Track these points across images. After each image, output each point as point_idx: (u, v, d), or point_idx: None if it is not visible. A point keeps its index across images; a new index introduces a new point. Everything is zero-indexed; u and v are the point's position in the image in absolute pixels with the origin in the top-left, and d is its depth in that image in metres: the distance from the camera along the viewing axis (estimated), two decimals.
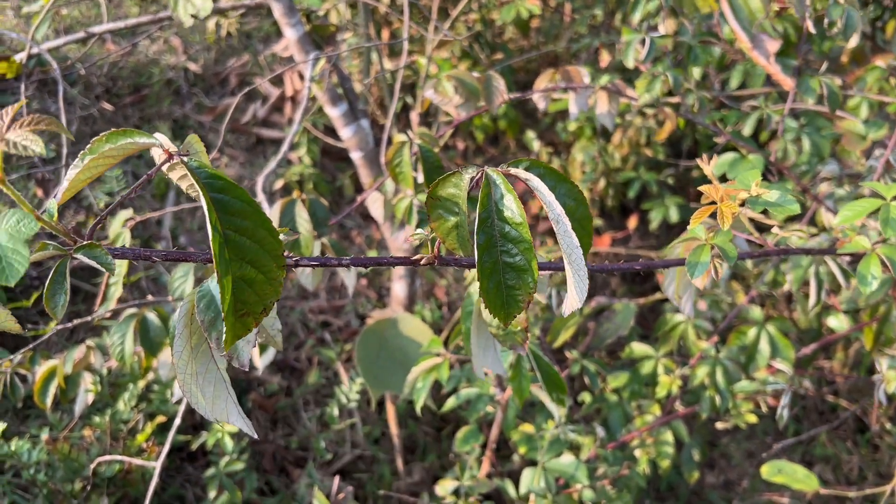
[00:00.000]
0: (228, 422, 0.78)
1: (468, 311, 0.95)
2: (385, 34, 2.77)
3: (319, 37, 1.87)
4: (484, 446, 2.04)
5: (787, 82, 1.40)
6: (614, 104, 1.50)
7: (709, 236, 0.82)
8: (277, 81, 2.99)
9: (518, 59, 2.29)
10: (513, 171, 0.66)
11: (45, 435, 1.64)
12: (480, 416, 1.60)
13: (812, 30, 1.42)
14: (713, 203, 0.82)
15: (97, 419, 1.72)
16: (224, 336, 0.68)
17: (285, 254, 0.64)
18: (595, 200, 2.83)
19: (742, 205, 0.78)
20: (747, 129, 1.49)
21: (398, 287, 2.12)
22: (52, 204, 0.58)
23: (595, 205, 2.84)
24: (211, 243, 0.57)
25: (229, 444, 1.59)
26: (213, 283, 0.72)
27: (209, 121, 2.86)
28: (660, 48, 1.49)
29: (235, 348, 0.71)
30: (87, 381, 1.59)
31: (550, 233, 2.95)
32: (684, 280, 1.10)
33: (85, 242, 0.59)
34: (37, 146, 0.55)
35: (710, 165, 0.95)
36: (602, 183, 2.77)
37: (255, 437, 0.75)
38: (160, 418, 1.70)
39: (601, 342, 1.71)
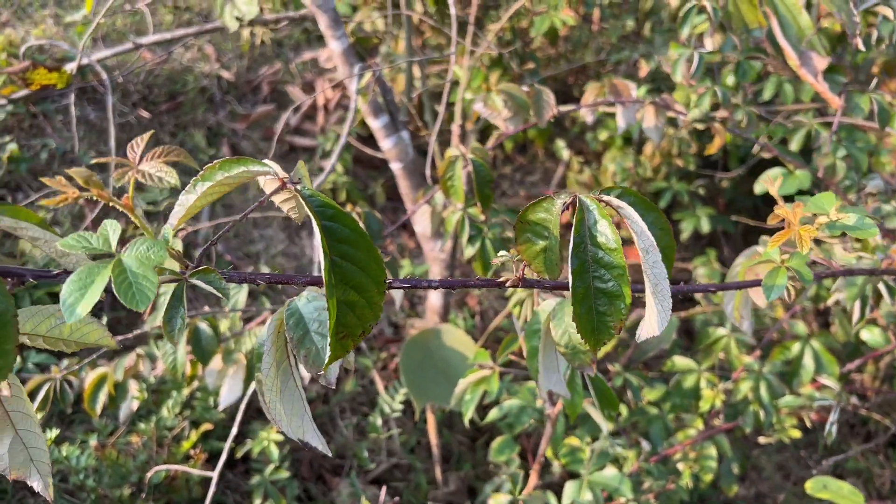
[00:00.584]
0: (304, 438, 0.79)
1: (534, 329, 0.95)
2: (418, 42, 2.78)
3: (362, 48, 1.89)
4: (521, 456, 2.05)
5: (835, 101, 1.40)
6: (661, 118, 1.50)
7: (783, 258, 0.83)
8: (309, 90, 3.02)
9: (558, 72, 2.29)
10: (605, 197, 0.67)
11: (93, 441, 1.67)
12: (524, 428, 1.61)
13: (861, 47, 1.42)
14: (781, 225, 0.83)
15: (142, 426, 1.74)
16: (317, 354, 0.70)
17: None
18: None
19: (819, 229, 0.79)
20: (794, 145, 1.49)
21: (434, 297, 2.13)
22: (168, 230, 0.60)
23: None
24: (322, 268, 0.58)
25: (275, 452, 1.61)
26: (301, 303, 0.74)
27: (242, 128, 2.89)
28: (707, 63, 1.50)
29: (324, 366, 0.73)
30: (134, 388, 1.61)
31: None
32: (744, 298, 1.11)
33: (200, 268, 0.61)
34: (171, 178, 0.56)
35: (775, 186, 0.96)
36: None
37: (329, 454, 0.76)
38: (206, 426, 1.72)
39: (642, 355, 1.71)
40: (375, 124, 1.88)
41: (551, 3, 2.65)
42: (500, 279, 0.73)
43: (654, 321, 0.68)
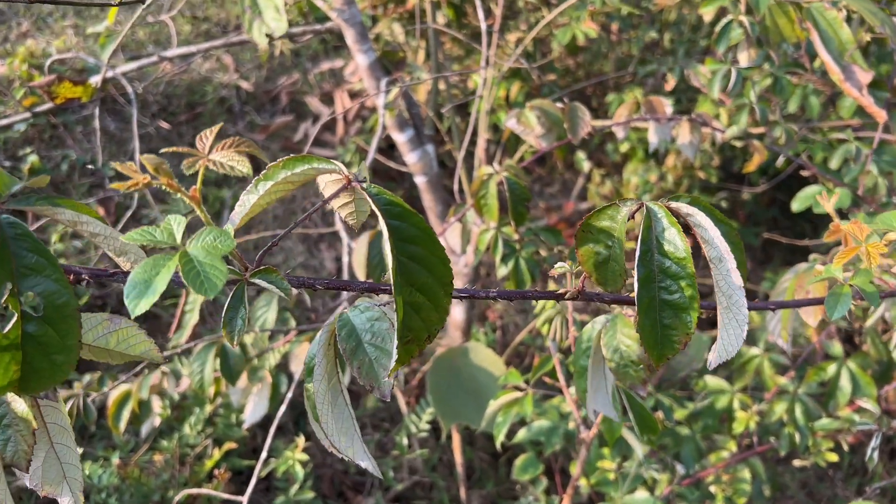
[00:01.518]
0: (355, 460, 0.76)
1: (584, 347, 0.92)
2: (439, 55, 2.76)
3: (389, 62, 1.87)
4: (545, 474, 2.01)
5: (881, 115, 1.37)
6: (697, 134, 1.48)
7: (846, 276, 0.80)
8: (328, 100, 3.00)
9: (581, 85, 2.27)
10: (673, 205, 0.64)
11: (115, 459, 1.64)
12: (555, 449, 1.58)
13: None
14: (841, 241, 0.80)
15: (164, 443, 1.72)
16: (370, 366, 0.67)
17: None
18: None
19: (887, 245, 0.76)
20: (835, 163, 1.46)
21: (457, 311, 2.10)
22: (230, 228, 0.58)
23: None
24: (389, 269, 0.56)
25: (300, 472, 1.58)
26: (353, 314, 0.71)
27: (262, 139, 2.87)
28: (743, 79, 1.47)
29: (378, 379, 0.70)
30: (157, 405, 1.59)
31: None
32: (791, 317, 1.08)
33: (262, 267, 0.59)
34: (243, 167, 0.55)
35: (831, 203, 0.93)
36: None
37: (381, 476, 0.73)
38: (229, 444, 1.69)
39: (674, 375, 1.68)
40: (400, 138, 1.86)
41: (573, 14, 2.63)
42: (559, 291, 0.70)
43: (729, 338, 0.64)
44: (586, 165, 2.96)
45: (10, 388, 0.54)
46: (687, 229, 0.64)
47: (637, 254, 0.62)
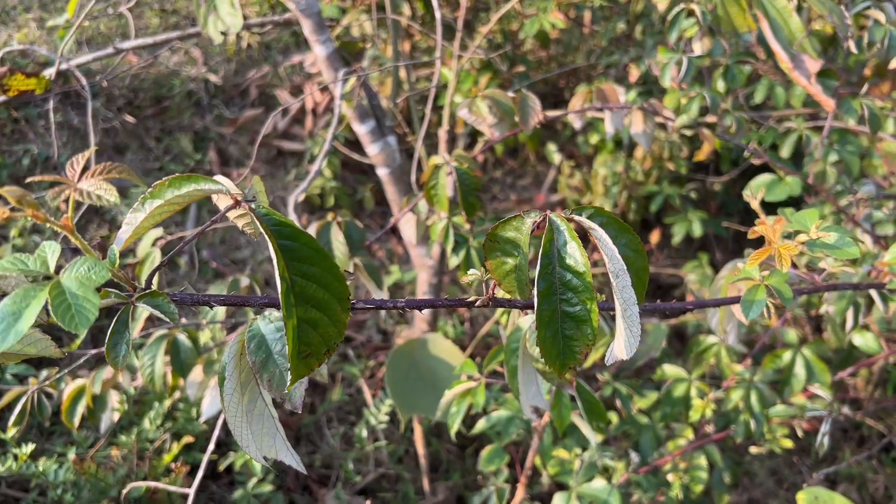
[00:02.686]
0: (277, 458, 0.76)
1: (513, 348, 0.93)
2: (406, 46, 2.76)
3: (348, 53, 1.86)
4: (510, 466, 2.02)
5: (829, 103, 1.37)
6: (650, 124, 1.48)
7: (763, 275, 0.80)
8: (298, 94, 2.98)
9: (548, 75, 2.27)
10: (576, 217, 0.64)
11: (72, 454, 1.63)
12: (512, 438, 1.58)
13: (854, 49, 1.40)
14: (762, 242, 0.80)
15: (123, 438, 1.70)
16: (280, 377, 0.67)
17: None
18: (617, 214, 2.80)
19: (800, 246, 0.77)
20: (785, 151, 1.46)
21: None
22: (114, 251, 0.57)
23: None
24: (279, 290, 0.55)
25: (257, 466, 1.58)
26: (262, 323, 0.70)
27: (230, 132, 2.85)
28: (696, 68, 1.47)
29: (287, 392, 0.70)
30: (114, 399, 1.58)
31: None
32: (728, 313, 1.08)
33: (147, 291, 0.58)
34: (111, 196, 0.53)
35: (756, 199, 0.93)
36: (624, 197, 2.75)
37: (304, 471, 0.73)
38: (187, 438, 1.69)
39: (632, 363, 1.68)
40: (361, 129, 1.85)
41: (540, 5, 2.63)
42: (471, 299, 0.70)
43: (622, 345, 0.65)
44: (557, 157, 2.96)
45: None
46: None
47: (538, 267, 0.63)
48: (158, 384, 1.37)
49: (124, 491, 1.40)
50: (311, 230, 1.29)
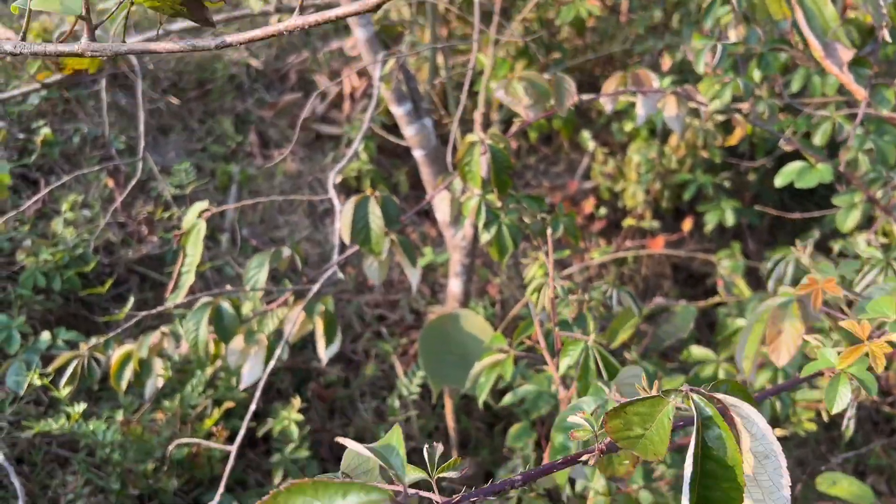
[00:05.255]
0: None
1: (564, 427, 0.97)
2: (443, 31, 2.80)
3: (387, 37, 1.91)
4: (537, 443, 2.06)
5: (861, 92, 1.38)
6: (683, 108, 1.50)
7: (843, 363, 0.82)
8: (335, 78, 3.04)
9: (579, 61, 2.29)
10: (719, 396, 0.65)
11: (119, 416, 1.71)
12: (540, 413, 1.62)
13: (888, 38, 1.40)
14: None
15: (167, 403, 1.78)
16: None
17: None
18: (650, 202, 2.82)
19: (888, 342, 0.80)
20: (818, 139, 1.48)
21: (454, 284, 2.15)
22: None
23: (650, 206, 2.83)
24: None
25: (295, 431, 1.64)
26: None
27: (270, 116, 2.93)
28: (731, 55, 1.49)
29: None
30: (159, 366, 1.66)
31: (602, 233, 2.96)
32: (758, 351, 1.11)
33: None
34: None
35: (806, 254, 0.96)
36: (657, 184, 2.76)
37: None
38: (228, 404, 1.76)
39: (660, 344, 1.71)
40: (398, 111, 1.90)
41: None
42: (583, 455, 0.72)
43: None
44: (591, 145, 2.98)
45: None
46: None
47: (689, 457, 0.64)
48: (202, 349, 1.44)
49: (171, 447, 1.47)
50: (349, 204, 1.35)
